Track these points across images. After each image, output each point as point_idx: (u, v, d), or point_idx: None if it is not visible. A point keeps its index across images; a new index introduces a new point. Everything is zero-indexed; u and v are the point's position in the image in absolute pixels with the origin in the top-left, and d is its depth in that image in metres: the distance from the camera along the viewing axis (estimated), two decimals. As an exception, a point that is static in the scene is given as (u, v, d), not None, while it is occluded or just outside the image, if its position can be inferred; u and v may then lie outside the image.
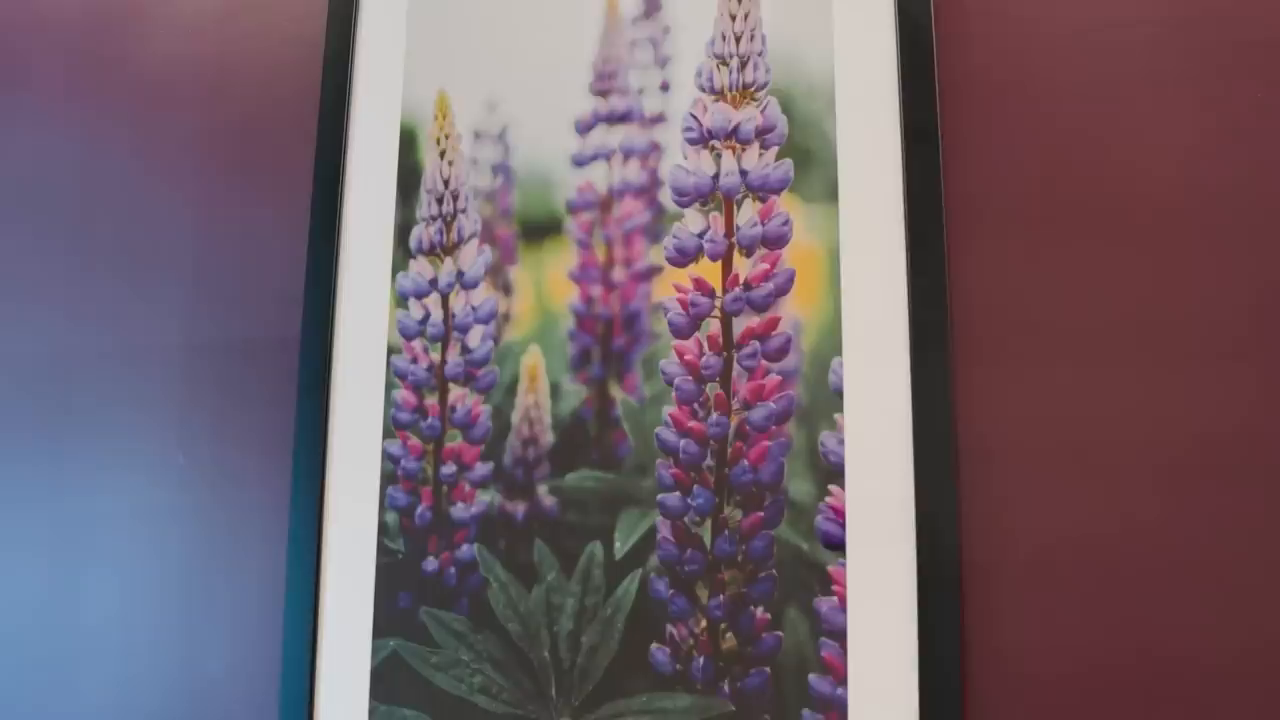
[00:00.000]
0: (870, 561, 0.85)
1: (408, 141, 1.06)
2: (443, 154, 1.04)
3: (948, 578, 0.83)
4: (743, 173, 0.93)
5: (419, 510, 0.99)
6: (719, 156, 0.94)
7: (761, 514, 0.88)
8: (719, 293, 0.92)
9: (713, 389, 0.91)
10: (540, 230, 0.99)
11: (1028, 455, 0.84)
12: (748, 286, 0.91)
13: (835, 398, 0.88)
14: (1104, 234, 0.85)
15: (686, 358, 0.92)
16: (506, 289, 1.00)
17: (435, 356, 1.01)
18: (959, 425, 0.85)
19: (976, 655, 0.83)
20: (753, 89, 0.94)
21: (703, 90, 0.96)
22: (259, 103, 1.15)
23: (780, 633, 0.87)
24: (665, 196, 0.95)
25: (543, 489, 0.96)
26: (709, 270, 0.93)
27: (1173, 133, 0.85)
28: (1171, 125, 0.85)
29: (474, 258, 1.01)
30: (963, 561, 0.84)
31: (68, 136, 1.23)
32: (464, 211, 1.02)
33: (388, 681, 0.98)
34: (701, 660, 0.88)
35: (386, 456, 1.01)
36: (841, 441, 0.87)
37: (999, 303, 0.87)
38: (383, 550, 1.00)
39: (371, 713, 0.98)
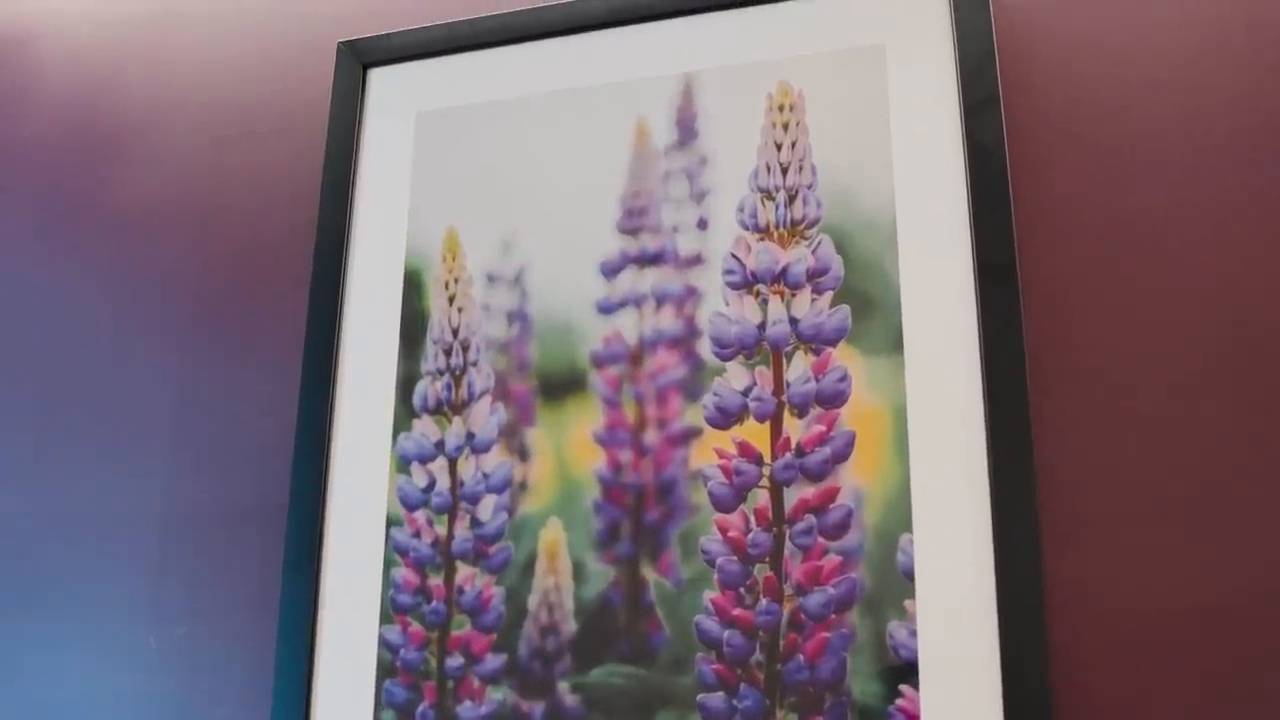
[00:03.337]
0: (952, 779, 0.79)
1: (413, 285, 1.02)
2: (451, 299, 1.00)
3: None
4: (793, 321, 0.89)
5: (420, 709, 0.92)
6: (765, 303, 0.90)
7: (820, 719, 0.82)
8: (767, 459, 0.87)
9: (761, 571, 0.85)
10: (562, 386, 0.95)
11: (1135, 651, 0.78)
12: (800, 452, 0.86)
13: (905, 581, 0.82)
14: (1208, 381, 0.81)
15: (730, 534, 0.86)
16: (523, 453, 0.95)
17: (441, 530, 0.95)
18: (1053, 614, 0.80)
19: None
20: (802, 226, 0.90)
21: (745, 228, 0.92)
22: (248, 241, 1.13)
23: None
24: (704, 348, 0.91)
25: (564, 686, 0.89)
26: (755, 433, 0.88)
27: (1273, 261, 0.82)
28: (1271, 254, 0.83)
29: (486, 417, 0.96)
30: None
31: (36, 277, 1.21)
32: (475, 364, 0.98)
33: None
34: None
35: (384, 645, 0.95)
36: (914, 633, 0.81)
37: (1093, 465, 0.82)
38: (378, 756, 0.94)
39: None
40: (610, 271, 0.95)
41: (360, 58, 1.07)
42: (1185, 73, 0.86)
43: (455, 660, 0.92)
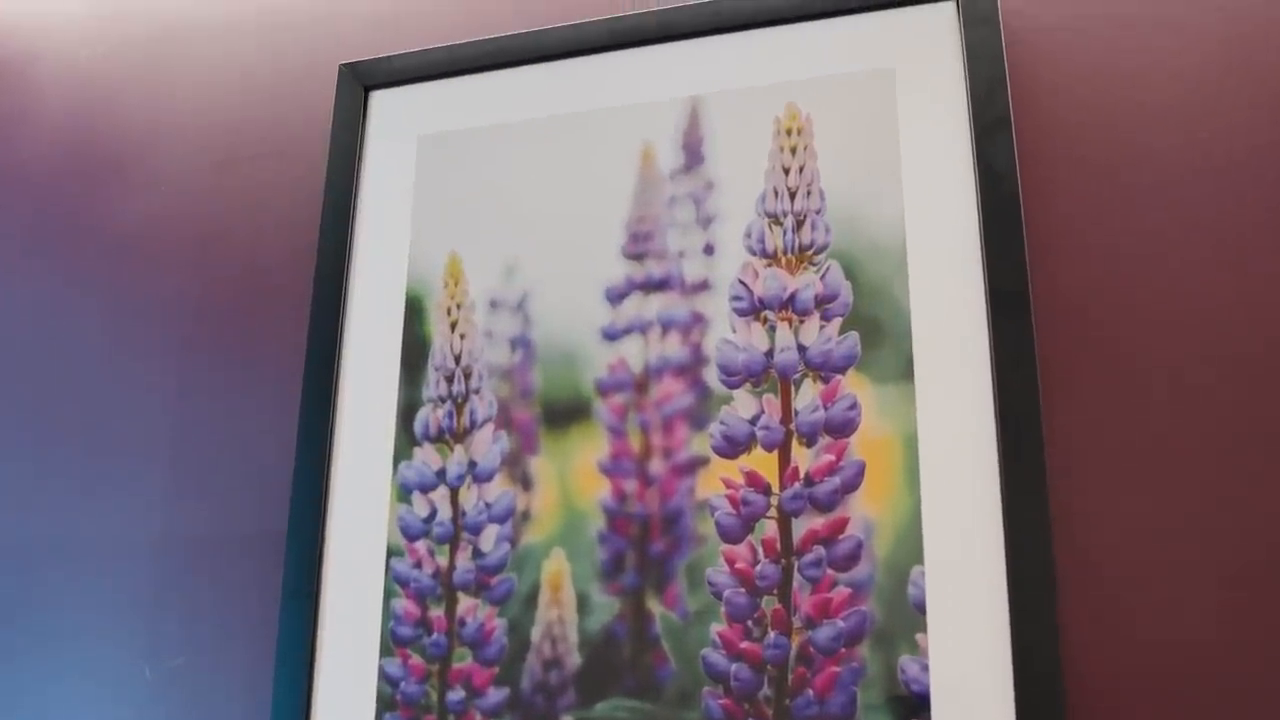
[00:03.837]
0: (965, 818, 0.77)
1: (414, 310, 1.00)
2: (454, 325, 0.98)
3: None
4: (801, 348, 0.87)
5: (421, 743, 0.92)
6: (773, 329, 0.88)
7: (830, 755, 0.81)
8: (775, 489, 0.85)
9: (770, 603, 0.83)
10: (565, 414, 0.93)
11: (1154, 683, 0.77)
12: (809, 481, 0.85)
13: (916, 614, 0.80)
14: (1223, 403, 0.80)
15: (738, 566, 0.85)
16: (526, 482, 0.93)
17: (442, 560, 0.93)
18: (1068, 648, 0.78)
19: None
20: (811, 251, 0.89)
21: (753, 253, 0.90)
22: (248, 264, 1.11)
23: None
24: (711, 376, 0.89)
25: (568, 720, 0.88)
26: (763, 462, 0.86)
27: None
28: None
29: (488, 445, 0.95)
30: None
31: (35, 299, 1.20)
32: (477, 392, 0.96)
33: None
34: None
35: (384, 678, 0.93)
36: (925, 667, 0.79)
37: (1108, 493, 0.81)
38: (377, 792, 0.92)
39: None
40: (615, 297, 0.94)
41: (362, 80, 1.06)
42: (1195, 96, 0.86)
43: (457, 694, 0.90)
